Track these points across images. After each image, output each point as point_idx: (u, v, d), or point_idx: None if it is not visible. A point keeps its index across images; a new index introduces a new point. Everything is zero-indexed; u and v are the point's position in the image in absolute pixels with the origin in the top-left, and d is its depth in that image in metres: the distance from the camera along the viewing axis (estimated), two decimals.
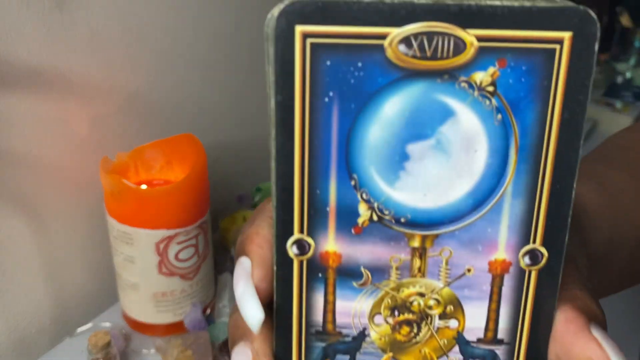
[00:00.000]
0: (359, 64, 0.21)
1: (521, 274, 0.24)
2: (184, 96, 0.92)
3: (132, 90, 0.83)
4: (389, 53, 0.21)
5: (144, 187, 0.78)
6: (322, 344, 0.25)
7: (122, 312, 0.82)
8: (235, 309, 0.26)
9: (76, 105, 0.77)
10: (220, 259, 0.91)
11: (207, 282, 0.83)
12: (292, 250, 0.24)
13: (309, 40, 0.21)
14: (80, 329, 0.81)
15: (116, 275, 0.79)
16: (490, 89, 0.22)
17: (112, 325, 0.81)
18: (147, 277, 0.77)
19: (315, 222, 0.24)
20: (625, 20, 1.59)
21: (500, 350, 0.25)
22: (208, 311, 0.83)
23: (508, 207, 0.23)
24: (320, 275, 0.25)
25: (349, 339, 0.25)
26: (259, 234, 0.26)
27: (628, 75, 1.58)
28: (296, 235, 0.24)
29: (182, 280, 0.78)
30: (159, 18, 0.84)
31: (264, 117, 1.12)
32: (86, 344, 0.73)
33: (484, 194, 0.23)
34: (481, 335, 0.25)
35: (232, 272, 0.91)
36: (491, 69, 0.22)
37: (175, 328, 0.80)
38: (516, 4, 0.21)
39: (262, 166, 1.11)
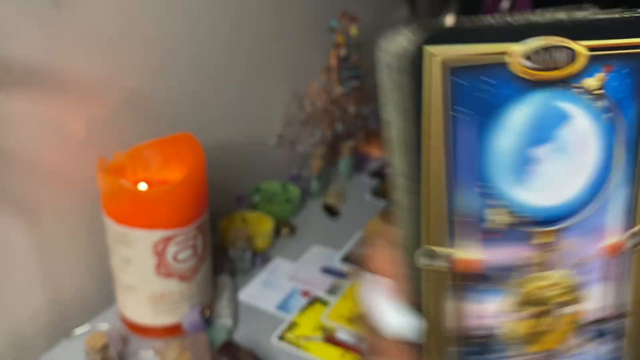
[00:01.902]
0: (486, 80, 0.24)
1: (630, 254, 0.27)
2: (183, 95, 0.91)
3: (129, 90, 0.83)
4: (514, 67, 0.24)
5: (141, 187, 0.77)
6: (456, 349, 0.27)
7: (120, 313, 0.81)
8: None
9: (73, 105, 0.76)
10: (219, 260, 0.91)
11: (206, 283, 0.82)
12: (422, 261, 0.26)
13: (440, 62, 0.23)
14: (77, 331, 0.80)
15: (113, 277, 0.79)
16: (599, 92, 0.25)
17: (109, 327, 0.80)
18: (144, 279, 0.76)
19: (443, 232, 0.25)
20: None
21: (620, 324, 0.28)
22: (207, 313, 0.82)
23: (615, 195, 0.26)
24: (450, 282, 0.26)
25: (481, 340, 0.27)
26: (382, 252, 0.28)
27: None
28: (425, 246, 0.26)
29: (180, 281, 0.78)
30: (157, 17, 0.84)
31: (263, 117, 1.12)
32: (83, 346, 0.72)
33: (596, 187, 0.26)
34: (602, 315, 0.28)
35: (231, 273, 0.90)
36: (599, 75, 0.25)
37: (174, 330, 0.80)
38: (617, 15, 0.24)
39: (261, 166, 1.12)
